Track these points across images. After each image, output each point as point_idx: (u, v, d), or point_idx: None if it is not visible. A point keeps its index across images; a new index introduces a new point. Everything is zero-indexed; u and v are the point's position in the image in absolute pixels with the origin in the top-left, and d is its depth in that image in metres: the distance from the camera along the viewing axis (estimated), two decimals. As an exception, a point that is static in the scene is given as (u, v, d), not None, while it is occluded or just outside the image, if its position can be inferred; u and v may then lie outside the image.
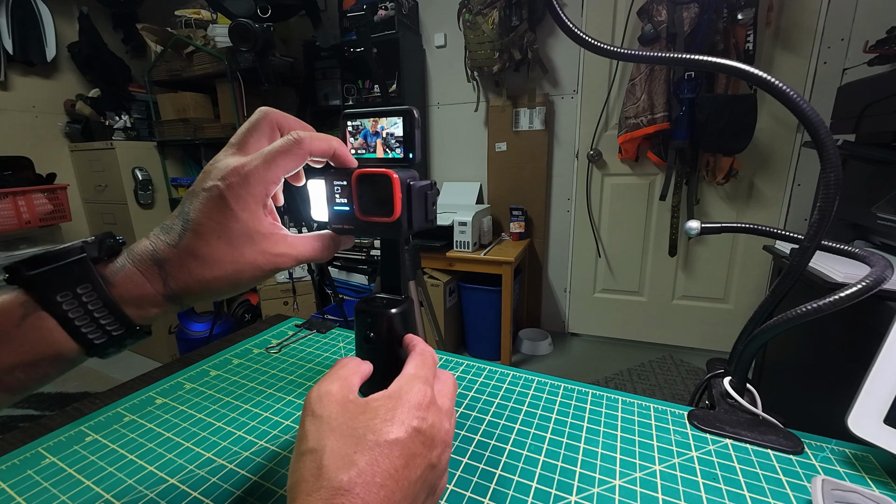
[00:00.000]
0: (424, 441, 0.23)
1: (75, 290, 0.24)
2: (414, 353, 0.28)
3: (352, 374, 0.26)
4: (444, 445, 0.24)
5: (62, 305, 0.24)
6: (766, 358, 1.26)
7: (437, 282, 1.97)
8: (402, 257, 0.36)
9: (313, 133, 0.29)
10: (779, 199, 1.85)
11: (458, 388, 0.29)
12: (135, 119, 2.49)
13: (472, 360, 0.50)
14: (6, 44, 2.14)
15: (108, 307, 0.25)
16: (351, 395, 0.24)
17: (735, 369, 0.40)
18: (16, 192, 1.93)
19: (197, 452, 0.35)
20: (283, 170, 0.28)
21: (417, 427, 0.23)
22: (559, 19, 0.37)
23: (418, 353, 0.28)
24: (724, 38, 1.60)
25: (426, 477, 0.23)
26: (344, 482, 0.20)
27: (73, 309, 0.24)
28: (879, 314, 0.76)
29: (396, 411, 0.23)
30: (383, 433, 0.22)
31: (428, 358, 0.27)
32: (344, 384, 0.25)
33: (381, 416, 0.23)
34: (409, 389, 0.24)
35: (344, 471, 0.20)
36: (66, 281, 0.24)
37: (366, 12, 1.41)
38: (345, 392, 0.24)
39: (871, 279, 0.30)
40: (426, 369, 0.26)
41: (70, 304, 0.24)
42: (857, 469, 0.32)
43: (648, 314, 2.19)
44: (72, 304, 0.24)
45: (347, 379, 0.25)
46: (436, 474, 0.24)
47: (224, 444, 0.36)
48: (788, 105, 0.30)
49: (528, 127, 2.14)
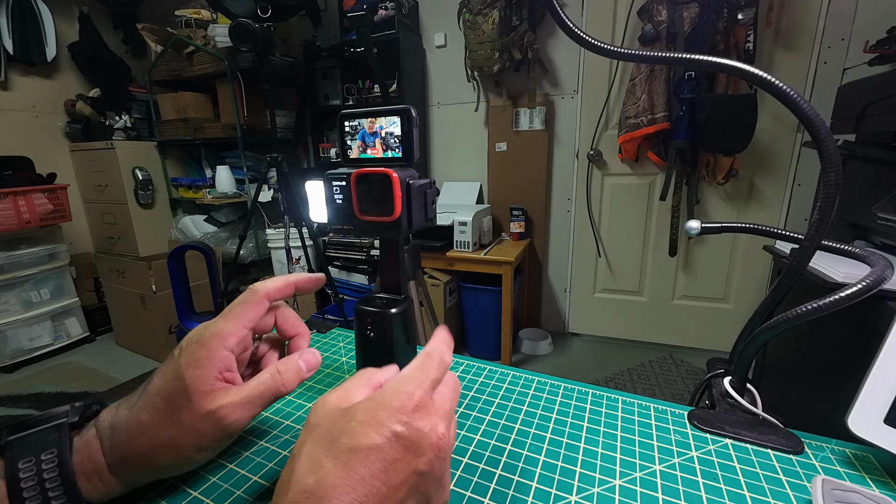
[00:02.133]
0: (407, 446, 0.22)
1: (39, 457, 0.24)
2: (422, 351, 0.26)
3: (356, 387, 0.25)
4: (436, 451, 0.22)
5: (20, 472, 0.23)
6: (766, 358, 1.26)
7: (437, 282, 1.97)
8: (402, 257, 0.36)
9: (268, 279, 0.30)
10: (779, 198, 1.85)
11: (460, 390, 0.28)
12: (135, 119, 2.50)
13: (472, 360, 0.50)
14: (6, 44, 2.14)
15: (62, 477, 0.24)
16: (344, 404, 0.23)
17: (735, 369, 0.40)
18: (16, 191, 1.94)
19: (197, 452, 0.35)
20: (242, 320, 0.28)
21: (397, 431, 0.21)
22: (559, 19, 0.37)
23: (424, 353, 0.26)
24: (724, 37, 1.60)
25: (413, 484, 0.22)
26: (309, 485, 0.20)
27: (27, 478, 0.23)
28: (879, 314, 0.76)
29: (375, 414, 0.22)
30: (358, 437, 0.21)
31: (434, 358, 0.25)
32: (343, 395, 0.24)
33: (358, 419, 0.22)
34: (393, 392, 0.23)
35: (311, 474, 0.20)
36: (35, 445, 0.24)
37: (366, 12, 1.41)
38: (339, 402, 0.24)
39: (872, 279, 0.30)
40: (425, 371, 0.25)
41: (27, 472, 0.24)
42: (857, 469, 0.32)
43: (648, 314, 2.19)
44: (28, 473, 0.24)
45: (349, 391, 0.24)
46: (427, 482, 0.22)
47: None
48: (789, 105, 0.30)
49: (529, 127, 2.14)
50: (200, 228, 2.51)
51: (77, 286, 2.33)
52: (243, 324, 0.28)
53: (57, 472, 0.24)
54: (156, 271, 2.06)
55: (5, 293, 2.02)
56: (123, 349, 2.35)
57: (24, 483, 0.23)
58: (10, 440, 0.24)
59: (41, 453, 0.24)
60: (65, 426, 0.26)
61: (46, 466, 0.24)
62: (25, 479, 0.23)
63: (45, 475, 0.24)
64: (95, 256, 2.40)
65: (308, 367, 0.29)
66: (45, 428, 0.25)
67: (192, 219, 2.54)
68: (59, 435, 0.25)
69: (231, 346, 0.28)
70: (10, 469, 0.23)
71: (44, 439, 0.25)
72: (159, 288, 2.07)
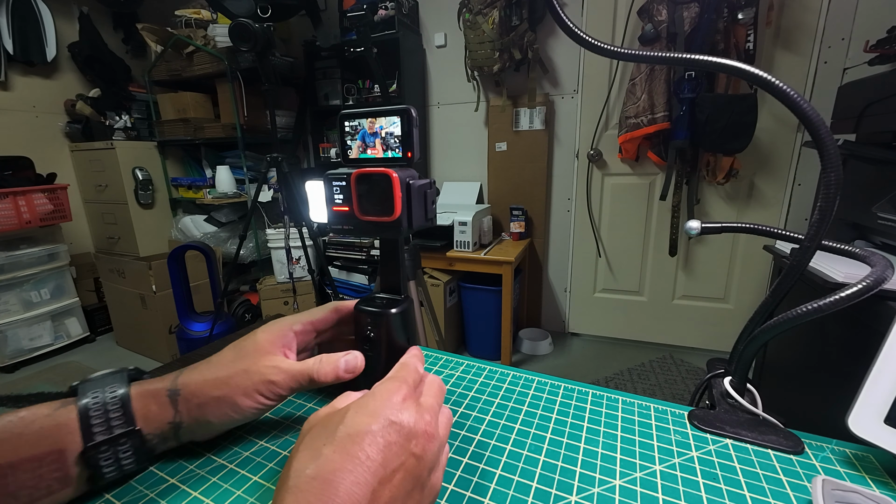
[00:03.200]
0: (401, 430, 0.23)
1: (104, 390, 0.29)
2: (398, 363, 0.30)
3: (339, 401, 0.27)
4: (428, 437, 0.24)
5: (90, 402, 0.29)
6: (766, 358, 1.26)
7: (438, 282, 1.97)
8: (402, 257, 0.36)
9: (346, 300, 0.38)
10: (779, 198, 1.85)
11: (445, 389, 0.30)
12: (135, 119, 2.49)
13: (472, 360, 0.50)
14: (6, 44, 2.14)
15: (123, 408, 0.29)
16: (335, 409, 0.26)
17: (735, 369, 0.40)
18: (16, 191, 1.94)
19: (197, 452, 0.35)
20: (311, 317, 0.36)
21: (391, 418, 0.23)
22: (559, 19, 0.37)
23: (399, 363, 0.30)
24: (724, 37, 1.60)
25: (408, 467, 0.23)
26: (310, 471, 0.21)
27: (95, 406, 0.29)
28: (880, 314, 0.76)
29: (368, 404, 0.24)
30: (354, 425, 0.23)
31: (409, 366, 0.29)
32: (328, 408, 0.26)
33: (353, 411, 0.24)
34: (381, 389, 0.26)
35: (311, 462, 0.21)
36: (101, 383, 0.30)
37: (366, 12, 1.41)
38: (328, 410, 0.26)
39: (872, 279, 0.30)
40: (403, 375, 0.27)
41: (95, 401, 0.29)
42: (857, 469, 0.32)
43: (649, 314, 2.19)
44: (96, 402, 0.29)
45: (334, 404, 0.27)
46: (421, 467, 0.24)
47: (224, 443, 0.36)
48: (789, 105, 0.30)
49: (529, 127, 2.14)
50: (200, 228, 2.51)
51: (77, 286, 2.33)
52: (310, 319, 0.36)
53: (119, 403, 0.29)
54: (156, 271, 2.06)
55: (5, 293, 2.02)
56: (124, 349, 2.35)
57: (91, 411, 0.28)
58: (81, 382, 0.30)
59: (107, 387, 0.30)
60: (124, 372, 0.31)
61: (110, 398, 0.29)
62: (94, 408, 0.28)
63: (109, 406, 0.29)
64: (95, 256, 2.40)
65: (346, 366, 0.33)
66: (108, 374, 0.31)
67: (192, 219, 2.54)
68: (120, 376, 0.31)
69: (296, 329, 0.35)
70: (81, 400, 0.28)
71: (108, 380, 0.30)
72: (159, 288, 2.07)
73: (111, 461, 0.29)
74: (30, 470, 0.26)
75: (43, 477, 0.26)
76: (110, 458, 0.28)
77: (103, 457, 0.28)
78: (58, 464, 0.27)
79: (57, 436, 0.27)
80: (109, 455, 0.28)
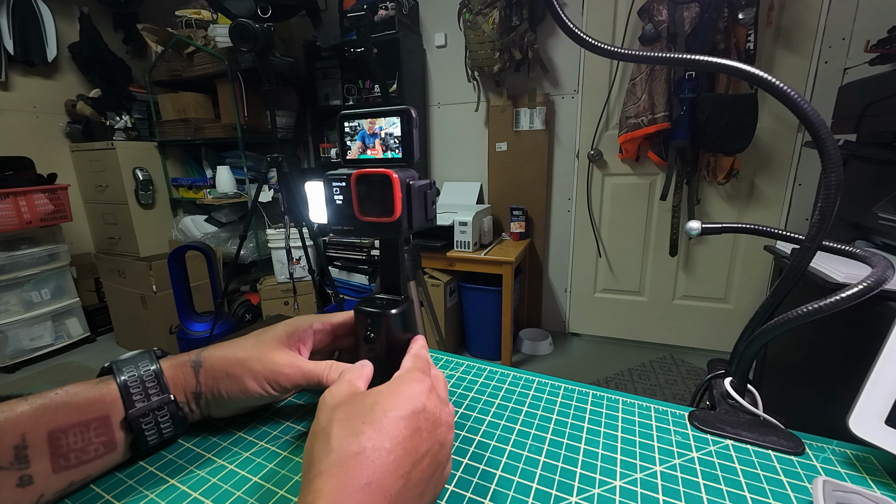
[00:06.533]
0: (429, 418, 0.25)
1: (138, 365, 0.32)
2: (409, 352, 0.32)
3: (356, 378, 0.29)
4: (448, 427, 0.27)
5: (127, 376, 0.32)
6: (766, 358, 1.26)
7: (438, 282, 1.97)
8: (402, 257, 0.36)
9: None
10: (780, 198, 1.85)
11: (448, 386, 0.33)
12: (135, 119, 2.49)
13: (472, 361, 0.50)
14: (7, 44, 2.15)
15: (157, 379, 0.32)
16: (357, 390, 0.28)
17: (736, 370, 0.40)
18: (17, 192, 1.94)
19: (197, 453, 0.35)
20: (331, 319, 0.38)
21: (422, 405, 0.25)
22: (559, 19, 0.37)
23: (413, 353, 0.31)
24: (724, 37, 1.60)
25: (434, 453, 0.24)
26: (353, 447, 0.22)
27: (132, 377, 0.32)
28: (881, 314, 0.76)
29: (401, 391, 0.26)
30: (388, 408, 0.24)
31: (422, 356, 0.31)
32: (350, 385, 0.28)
33: (386, 394, 0.25)
34: (410, 378, 0.27)
35: (353, 438, 0.22)
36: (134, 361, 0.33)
37: (366, 12, 1.41)
38: (350, 388, 0.27)
39: (873, 279, 0.30)
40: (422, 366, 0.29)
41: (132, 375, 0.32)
42: (858, 470, 0.32)
43: (649, 314, 2.19)
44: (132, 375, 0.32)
45: (352, 382, 0.28)
46: (443, 454, 0.26)
47: (224, 444, 0.36)
48: (789, 105, 0.30)
49: (529, 127, 2.14)
50: (201, 228, 2.51)
51: (78, 286, 2.33)
52: (330, 321, 0.38)
53: (153, 375, 0.32)
54: (156, 271, 2.06)
55: (6, 293, 2.03)
56: (124, 349, 2.36)
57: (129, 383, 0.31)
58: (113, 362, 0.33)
59: (139, 363, 0.33)
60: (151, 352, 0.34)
61: (144, 372, 0.32)
62: (131, 381, 0.31)
63: (145, 377, 0.32)
64: (96, 257, 2.40)
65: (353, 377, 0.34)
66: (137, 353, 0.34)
67: (192, 219, 2.54)
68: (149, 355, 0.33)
69: (316, 328, 0.37)
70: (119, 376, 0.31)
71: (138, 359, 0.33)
72: (160, 288, 2.07)
73: (152, 426, 0.32)
74: (79, 433, 0.28)
75: (91, 440, 0.29)
76: (150, 423, 0.32)
77: (145, 421, 0.31)
78: (104, 429, 0.30)
79: (101, 404, 0.30)
80: (150, 420, 0.31)
